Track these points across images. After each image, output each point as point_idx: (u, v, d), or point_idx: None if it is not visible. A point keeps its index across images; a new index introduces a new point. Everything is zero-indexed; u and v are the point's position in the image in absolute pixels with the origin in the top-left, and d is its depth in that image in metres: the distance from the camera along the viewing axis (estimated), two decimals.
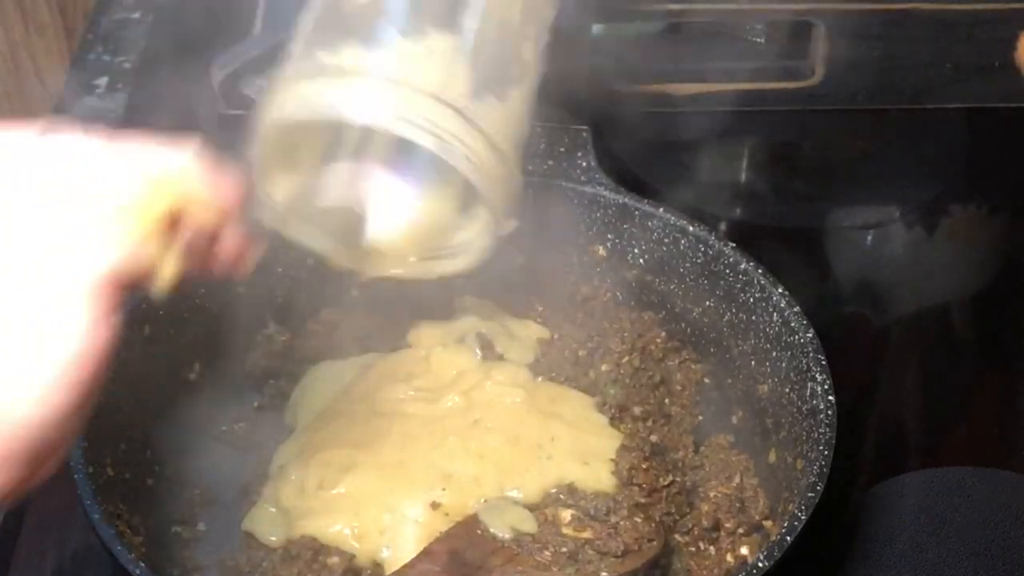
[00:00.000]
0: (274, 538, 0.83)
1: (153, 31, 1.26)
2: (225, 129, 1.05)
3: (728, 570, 0.83)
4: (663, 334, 0.98)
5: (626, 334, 0.98)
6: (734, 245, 0.93)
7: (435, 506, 0.83)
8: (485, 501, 0.83)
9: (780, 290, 0.89)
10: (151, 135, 0.58)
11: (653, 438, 0.90)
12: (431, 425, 0.87)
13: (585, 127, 1.00)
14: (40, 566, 0.89)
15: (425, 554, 0.80)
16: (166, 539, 0.84)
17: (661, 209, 0.96)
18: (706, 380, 0.96)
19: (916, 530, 0.86)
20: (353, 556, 0.81)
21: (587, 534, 0.82)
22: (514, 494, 0.84)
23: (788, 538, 0.74)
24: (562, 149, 0.99)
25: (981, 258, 1.19)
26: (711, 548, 0.86)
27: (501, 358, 0.94)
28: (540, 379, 0.93)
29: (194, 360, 0.92)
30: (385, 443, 0.86)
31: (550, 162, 0.99)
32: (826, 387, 0.82)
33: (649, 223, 0.96)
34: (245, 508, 0.86)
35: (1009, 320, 1.11)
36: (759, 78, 1.24)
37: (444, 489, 0.83)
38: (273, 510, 0.84)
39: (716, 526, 0.86)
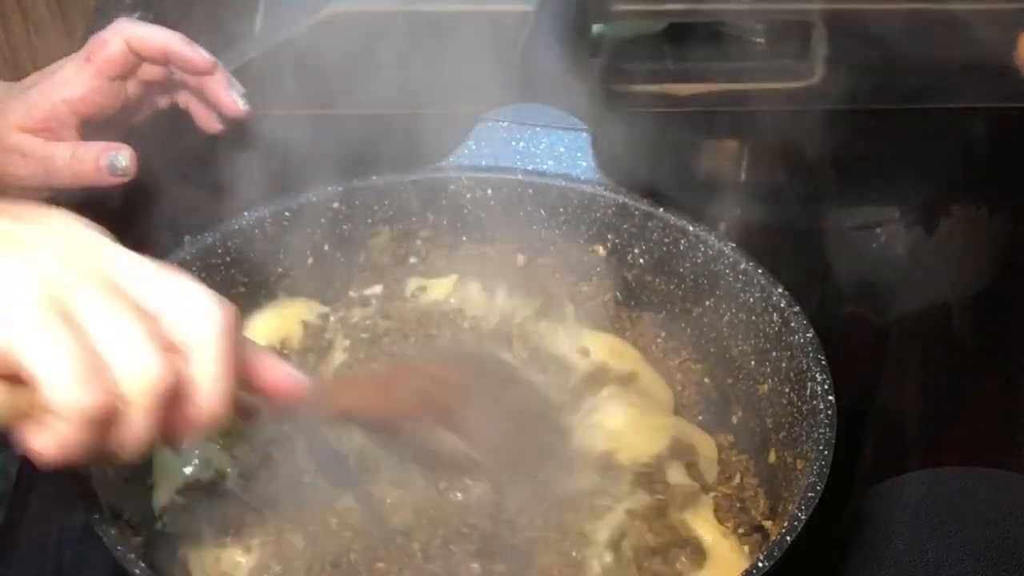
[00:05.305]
0: None
1: None
2: (225, 128, 1.05)
3: None
4: (663, 334, 0.98)
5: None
6: (734, 245, 0.93)
7: None
8: None
9: (780, 290, 0.89)
10: None
11: None
12: None
13: (585, 127, 1.00)
14: (40, 565, 0.89)
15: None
16: (166, 539, 0.84)
17: (661, 209, 0.96)
18: (706, 380, 0.96)
19: (916, 530, 0.86)
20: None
21: None
22: None
23: (788, 538, 0.73)
24: (562, 149, 0.99)
25: (981, 258, 1.19)
26: None
27: None
28: None
29: None
30: None
31: (550, 162, 0.99)
32: (826, 387, 0.82)
33: (649, 223, 0.96)
34: None
35: (1009, 320, 1.11)
36: (759, 78, 1.24)
37: None
38: None
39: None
